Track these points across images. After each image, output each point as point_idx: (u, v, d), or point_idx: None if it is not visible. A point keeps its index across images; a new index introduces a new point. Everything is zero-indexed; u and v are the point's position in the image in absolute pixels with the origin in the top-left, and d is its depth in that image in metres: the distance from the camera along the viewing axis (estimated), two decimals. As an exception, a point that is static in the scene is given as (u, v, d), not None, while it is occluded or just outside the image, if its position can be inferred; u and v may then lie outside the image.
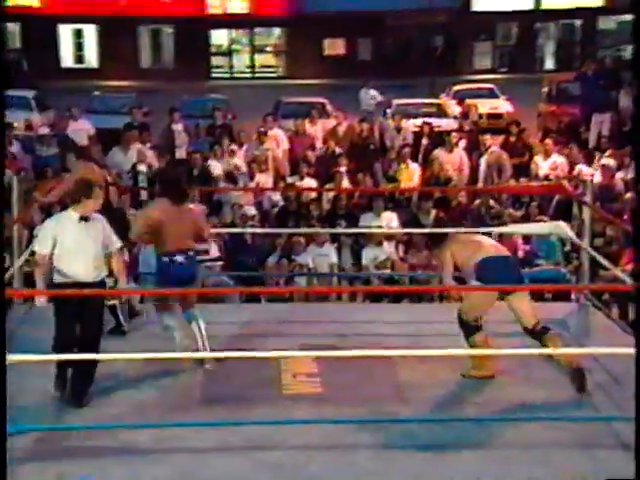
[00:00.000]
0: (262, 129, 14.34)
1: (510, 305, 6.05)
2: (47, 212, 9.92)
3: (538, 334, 5.95)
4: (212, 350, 6.19)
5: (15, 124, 16.09)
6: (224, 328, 6.90)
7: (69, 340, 5.74)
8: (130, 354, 5.78)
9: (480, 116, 18.48)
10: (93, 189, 5.78)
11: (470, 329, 6.06)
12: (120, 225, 6.47)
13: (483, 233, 9.08)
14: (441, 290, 8.94)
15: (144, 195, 11.87)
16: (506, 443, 5.21)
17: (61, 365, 5.73)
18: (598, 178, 11.75)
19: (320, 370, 6.12)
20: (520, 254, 9.87)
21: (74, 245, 5.73)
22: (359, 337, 6.74)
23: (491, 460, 5.05)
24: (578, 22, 35.24)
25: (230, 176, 12.72)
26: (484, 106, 20.31)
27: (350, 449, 5.16)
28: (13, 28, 34.18)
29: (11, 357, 4.92)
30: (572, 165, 13.02)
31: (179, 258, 6.17)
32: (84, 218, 5.77)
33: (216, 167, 12.90)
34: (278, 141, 14.36)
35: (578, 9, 33.73)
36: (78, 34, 34.75)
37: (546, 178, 12.65)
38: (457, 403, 5.77)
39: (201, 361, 6.19)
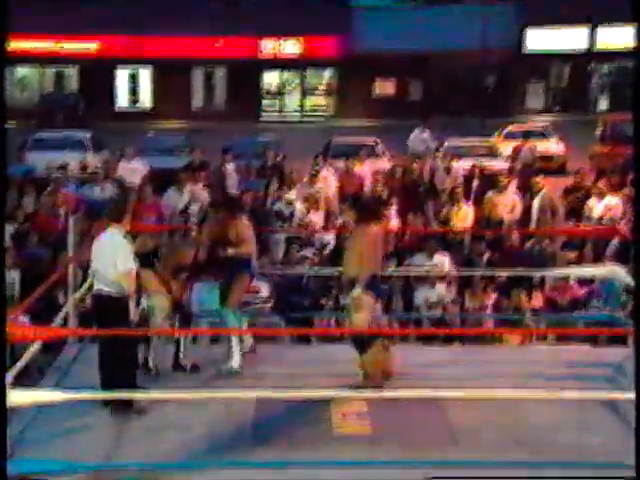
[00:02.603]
0: (314, 169, 14.42)
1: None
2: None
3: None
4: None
5: (71, 164, 16.40)
6: (274, 368, 6.89)
7: None
8: (182, 393, 5.81)
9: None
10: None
11: (364, 343, 6.40)
12: None
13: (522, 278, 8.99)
14: (494, 332, 8.85)
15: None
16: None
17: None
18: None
19: (370, 410, 6.07)
20: (576, 297, 9.73)
21: None
22: (409, 378, 6.67)
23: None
24: (633, 62, 34.99)
25: (280, 216, 12.75)
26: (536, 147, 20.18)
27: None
28: (71, 71, 35.07)
29: (64, 395, 4.97)
30: (626, 206, 12.83)
31: None
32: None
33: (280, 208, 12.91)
34: (329, 181, 14.41)
35: (633, 50, 33.53)
36: (133, 77, 35.49)
37: (600, 220, 12.48)
38: (509, 446, 5.67)
39: None
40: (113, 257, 6.15)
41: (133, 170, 15.39)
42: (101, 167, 15.84)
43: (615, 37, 33.40)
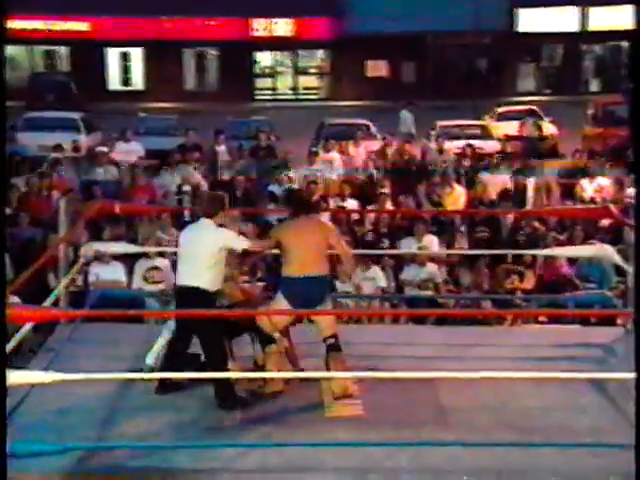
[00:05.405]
0: (314, 149, 14.48)
1: (315, 320, 6.25)
2: (94, 232, 10.08)
3: (328, 347, 6.10)
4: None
5: (63, 145, 16.34)
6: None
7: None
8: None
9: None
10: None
11: (266, 340, 6.12)
12: None
13: (517, 256, 9.02)
14: (485, 314, 8.88)
15: (187, 216, 11.97)
16: (550, 469, 5.14)
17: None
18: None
19: (362, 392, 6.09)
20: (566, 277, 9.77)
21: None
22: (401, 359, 6.70)
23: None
24: (624, 43, 34.96)
25: (273, 198, 12.74)
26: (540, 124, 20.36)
27: (391, 473, 5.12)
28: (62, 51, 34.87)
29: (55, 376, 4.98)
30: (618, 188, 12.87)
31: None
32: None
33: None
34: (334, 163, 14.38)
35: (624, 30, 33.47)
36: (125, 57, 35.32)
37: (592, 201, 12.52)
38: (500, 427, 5.69)
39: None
40: (205, 251, 5.91)
41: (130, 151, 15.36)
42: (103, 148, 15.74)
43: (608, 18, 33.36)
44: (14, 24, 30.79)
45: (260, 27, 34.39)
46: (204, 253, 5.93)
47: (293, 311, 6.17)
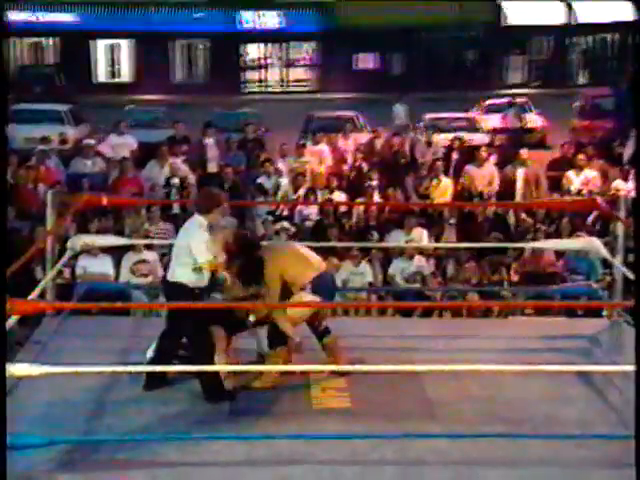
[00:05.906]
0: (301, 142, 14.46)
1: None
2: (82, 224, 10.06)
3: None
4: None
5: (50, 138, 16.28)
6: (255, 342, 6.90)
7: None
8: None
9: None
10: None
11: (280, 340, 6.05)
12: None
13: (507, 249, 9.06)
14: (471, 306, 8.91)
15: (176, 208, 11.97)
16: (536, 461, 5.16)
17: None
18: (633, 193, 11.65)
19: (349, 384, 6.10)
20: (553, 270, 9.81)
21: None
22: (388, 352, 6.71)
23: (521, 478, 5.00)
24: (611, 36, 35.06)
25: (261, 190, 12.75)
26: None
27: (378, 464, 5.13)
28: (49, 43, 34.69)
29: (42, 369, 4.97)
30: (604, 180, 12.93)
31: None
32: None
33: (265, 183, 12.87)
34: (321, 156, 14.37)
35: (612, 23, 33.57)
36: (112, 49, 35.18)
37: (578, 193, 12.56)
38: (487, 419, 5.70)
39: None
40: (190, 247, 5.86)
41: (123, 144, 15.29)
42: (91, 141, 15.65)
43: (595, 10, 33.41)
44: (0, 15, 30.63)
45: (248, 19, 34.32)
46: (186, 249, 5.91)
47: (283, 305, 6.16)
